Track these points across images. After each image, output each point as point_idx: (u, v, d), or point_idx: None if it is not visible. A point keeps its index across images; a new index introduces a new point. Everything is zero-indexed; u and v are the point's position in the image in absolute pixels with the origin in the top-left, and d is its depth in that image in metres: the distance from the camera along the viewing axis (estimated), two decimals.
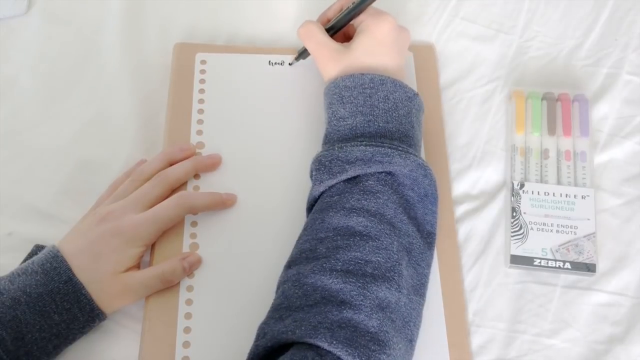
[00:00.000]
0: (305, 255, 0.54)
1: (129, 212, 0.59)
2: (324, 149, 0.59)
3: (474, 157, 0.69)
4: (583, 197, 0.65)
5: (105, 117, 0.70)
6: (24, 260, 0.59)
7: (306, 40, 0.66)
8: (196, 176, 0.65)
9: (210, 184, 0.65)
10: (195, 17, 0.76)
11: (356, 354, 0.47)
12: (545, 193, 0.65)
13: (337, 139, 0.60)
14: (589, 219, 0.64)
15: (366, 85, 0.60)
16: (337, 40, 0.66)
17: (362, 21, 0.65)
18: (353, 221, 0.54)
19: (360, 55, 0.62)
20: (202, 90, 0.69)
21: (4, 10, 0.75)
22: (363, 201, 0.55)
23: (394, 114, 0.59)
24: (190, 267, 0.60)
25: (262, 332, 0.50)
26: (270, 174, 0.66)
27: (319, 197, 0.59)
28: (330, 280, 0.51)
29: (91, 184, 0.66)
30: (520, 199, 0.65)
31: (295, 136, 0.68)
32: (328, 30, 0.66)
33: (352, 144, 0.57)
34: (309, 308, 0.49)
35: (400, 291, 0.52)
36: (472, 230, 0.65)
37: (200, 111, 0.68)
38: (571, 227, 0.64)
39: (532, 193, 0.65)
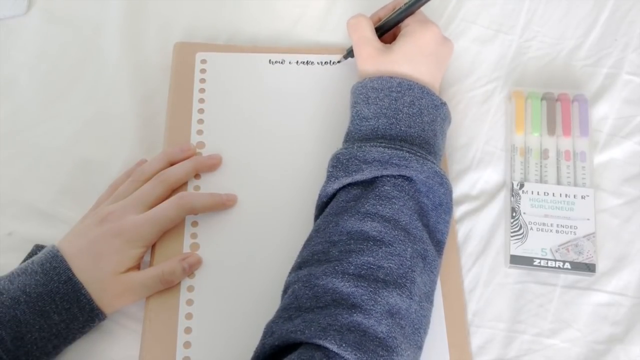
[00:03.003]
0: (318, 257, 0.53)
1: (130, 212, 0.59)
2: (344, 147, 0.59)
3: (473, 157, 0.69)
4: (583, 197, 0.65)
5: (105, 117, 0.70)
6: (24, 260, 0.59)
7: (352, 33, 0.65)
8: (197, 176, 0.65)
9: (211, 184, 0.65)
10: (195, 16, 0.76)
11: (364, 358, 0.47)
12: (545, 193, 0.65)
13: (357, 138, 0.60)
14: (588, 219, 0.64)
15: (393, 89, 0.60)
16: (385, 40, 0.66)
17: (407, 25, 0.64)
18: (367, 226, 0.54)
19: (398, 60, 0.62)
20: (202, 90, 0.69)
21: (4, 10, 0.75)
22: (378, 206, 0.55)
23: (418, 120, 0.59)
24: (190, 267, 0.60)
25: (269, 330, 0.50)
26: (270, 174, 0.66)
27: (332, 194, 0.58)
28: (342, 284, 0.51)
29: (91, 184, 0.66)
30: (520, 199, 0.65)
31: (296, 136, 0.68)
32: (377, 30, 0.66)
33: (372, 144, 0.57)
34: (319, 310, 0.49)
35: (411, 298, 0.52)
36: (472, 230, 0.65)
37: (201, 111, 0.68)
38: (571, 227, 0.64)
39: (532, 193, 0.65)
